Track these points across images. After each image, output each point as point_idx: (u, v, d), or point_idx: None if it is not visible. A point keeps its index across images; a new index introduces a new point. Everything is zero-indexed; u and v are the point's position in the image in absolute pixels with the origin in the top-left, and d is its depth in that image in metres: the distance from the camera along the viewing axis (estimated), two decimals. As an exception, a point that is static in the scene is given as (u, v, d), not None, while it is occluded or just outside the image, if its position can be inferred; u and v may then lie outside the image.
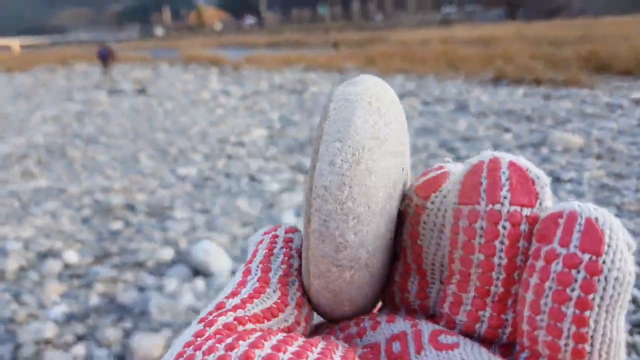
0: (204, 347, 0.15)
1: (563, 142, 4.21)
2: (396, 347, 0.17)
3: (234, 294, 0.18)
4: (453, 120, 5.83)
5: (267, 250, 0.20)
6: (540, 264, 0.15)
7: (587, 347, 0.15)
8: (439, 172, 0.19)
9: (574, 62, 8.81)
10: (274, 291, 0.18)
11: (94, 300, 2.17)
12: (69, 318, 2.05)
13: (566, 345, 0.15)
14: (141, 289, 2.25)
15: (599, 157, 3.88)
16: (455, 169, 0.19)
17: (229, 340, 0.15)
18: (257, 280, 0.18)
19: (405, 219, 0.19)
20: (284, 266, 0.19)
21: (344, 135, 0.16)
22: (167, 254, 2.59)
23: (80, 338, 1.92)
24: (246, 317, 0.17)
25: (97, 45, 12.76)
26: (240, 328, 0.16)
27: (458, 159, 4.18)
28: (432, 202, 0.18)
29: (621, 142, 4.21)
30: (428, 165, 4.02)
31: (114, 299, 2.17)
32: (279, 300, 0.18)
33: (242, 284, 0.19)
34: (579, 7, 36.82)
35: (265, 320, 0.17)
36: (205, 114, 7.26)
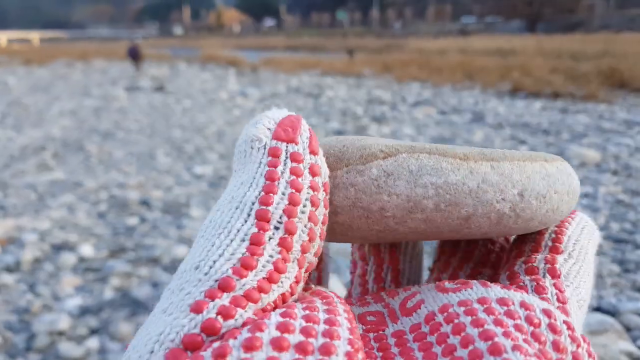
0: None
1: (579, 156, 4.17)
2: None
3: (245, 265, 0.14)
4: (469, 131, 5.79)
5: (268, 182, 0.16)
6: None
7: None
8: None
9: (593, 77, 8.71)
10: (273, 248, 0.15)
11: (108, 294, 2.17)
12: (83, 311, 2.05)
13: None
14: (155, 285, 2.25)
15: (615, 173, 3.82)
16: None
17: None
18: (249, 239, 0.15)
19: None
20: (287, 203, 0.16)
21: None
22: (182, 251, 2.59)
23: (93, 331, 1.92)
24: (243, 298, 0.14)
25: (127, 43, 12.96)
26: (239, 312, 0.13)
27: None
28: None
29: (638, 159, 4.15)
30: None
31: (128, 294, 2.17)
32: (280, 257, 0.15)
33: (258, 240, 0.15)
34: (600, 23, 36.42)
35: (262, 294, 0.14)
36: (222, 113, 7.29)
